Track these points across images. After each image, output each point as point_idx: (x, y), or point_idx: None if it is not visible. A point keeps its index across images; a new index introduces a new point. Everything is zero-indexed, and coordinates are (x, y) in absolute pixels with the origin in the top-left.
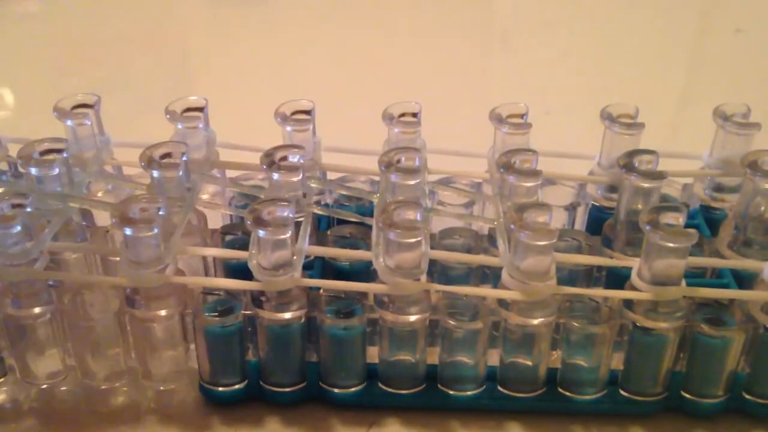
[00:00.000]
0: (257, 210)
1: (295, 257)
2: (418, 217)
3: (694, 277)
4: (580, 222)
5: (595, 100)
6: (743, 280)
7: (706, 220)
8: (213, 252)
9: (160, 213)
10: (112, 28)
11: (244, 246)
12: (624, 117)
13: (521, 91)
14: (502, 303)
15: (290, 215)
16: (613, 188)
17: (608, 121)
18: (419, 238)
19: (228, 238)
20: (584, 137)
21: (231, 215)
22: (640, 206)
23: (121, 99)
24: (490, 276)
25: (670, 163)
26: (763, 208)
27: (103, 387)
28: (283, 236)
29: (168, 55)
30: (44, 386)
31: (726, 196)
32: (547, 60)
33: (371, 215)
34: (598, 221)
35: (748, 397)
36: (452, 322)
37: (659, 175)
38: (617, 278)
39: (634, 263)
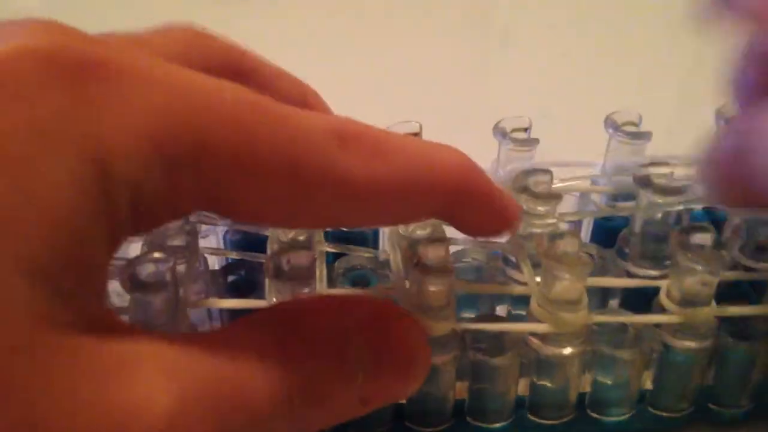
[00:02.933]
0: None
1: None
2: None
3: None
4: (585, 231)
5: (597, 102)
6: (757, 285)
7: (709, 221)
8: (230, 304)
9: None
10: (113, 25)
11: (247, 287)
12: (628, 125)
13: (522, 96)
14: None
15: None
16: (616, 197)
17: (612, 130)
18: (451, 278)
19: (230, 278)
20: (586, 141)
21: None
22: (657, 217)
23: None
24: (506, 297)
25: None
26: None
27: None
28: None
29: None
30: None
31: None
32: (548, 63)
33: (374, 242)
34: (603, 230)
35: None
36: (480, 357)
37: (677, 191)
38: (634, 292)
39: (662, 284)
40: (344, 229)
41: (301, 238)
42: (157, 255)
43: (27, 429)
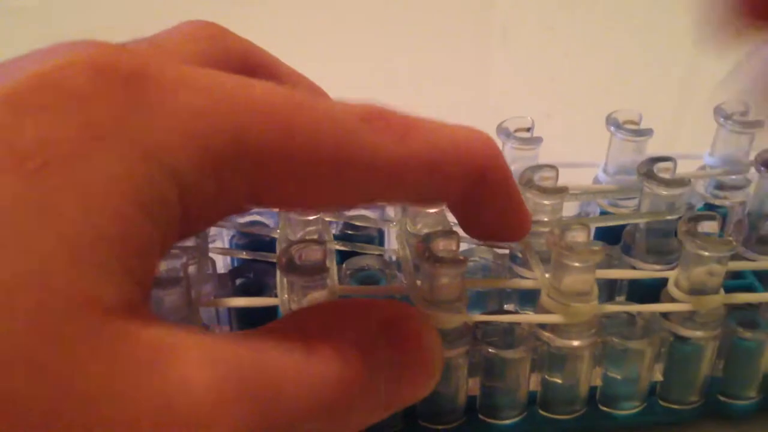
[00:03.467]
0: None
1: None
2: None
3: None
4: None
5: (597, 102)
6: (761, 276)
7: None
8: (241, 302)
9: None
10: (112, 23)
11: (256, 289)
12: (629, 123)
13: (522, 96)
14: (542, 325)
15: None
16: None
17: (614, 128)
18: (463, 270)
19: (239, 281)
20: (587, 140)
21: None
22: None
23: None
24: (513, 295)
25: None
26: None
27: None
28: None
29: None
30: None
31: (728, 194)
32: (548, 62)
33: (380, 244)
34: (606, 228)
35: None
36: (492, 351)
37: (683, 183)
38: (640, 286)
39: (670, 274)
40: (368, 211)
41: (311, 237)
42: (170, 251)
43: (67, 412)
